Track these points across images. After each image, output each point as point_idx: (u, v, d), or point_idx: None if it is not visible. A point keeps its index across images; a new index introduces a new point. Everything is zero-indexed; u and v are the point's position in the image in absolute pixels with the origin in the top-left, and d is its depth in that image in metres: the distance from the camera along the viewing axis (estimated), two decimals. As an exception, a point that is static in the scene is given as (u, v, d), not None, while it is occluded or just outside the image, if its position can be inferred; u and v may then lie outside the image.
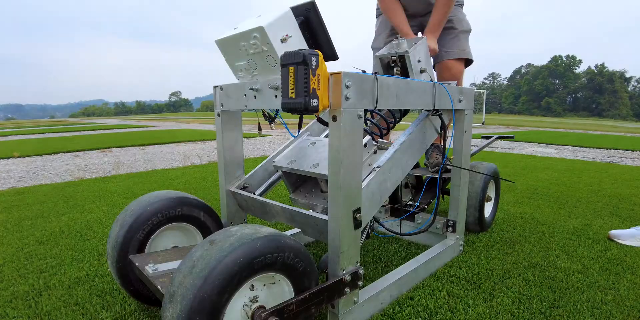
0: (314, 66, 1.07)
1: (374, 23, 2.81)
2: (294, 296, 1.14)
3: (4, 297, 1.58)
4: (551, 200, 3.23)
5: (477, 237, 2.27)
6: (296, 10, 1.36)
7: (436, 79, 1.98)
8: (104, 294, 1.60)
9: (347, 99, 1.17)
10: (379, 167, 1.44)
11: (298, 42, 1.34)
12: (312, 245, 2.17)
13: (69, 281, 1.72)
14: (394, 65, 1.85)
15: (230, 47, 1.44)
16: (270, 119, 1.63)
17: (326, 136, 2.04)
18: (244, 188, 1.80)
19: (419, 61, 1.82)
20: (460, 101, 1.84)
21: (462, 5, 2.60)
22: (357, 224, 1.29)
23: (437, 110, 1.71)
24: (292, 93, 1.10)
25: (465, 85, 2.46)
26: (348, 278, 1.28)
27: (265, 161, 1.86)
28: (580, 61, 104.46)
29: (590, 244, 2.18)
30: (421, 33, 2.55)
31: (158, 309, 1.47)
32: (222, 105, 1.66)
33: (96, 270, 1.82)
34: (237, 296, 1.03)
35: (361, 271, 1.34)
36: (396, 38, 1.87)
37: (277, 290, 1.15)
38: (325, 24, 1.40)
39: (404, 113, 2.01)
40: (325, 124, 1.31)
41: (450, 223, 2.03)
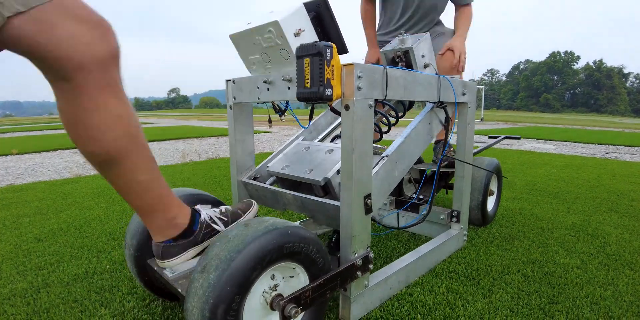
0: (328, 57, 1.13)
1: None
2: (309, 283, 1.19)
3: (2, 295, 1.58)
4: (550, 196, 3.23)
5: (476, 233, 2.28)
6: (308, 6, 1.43)
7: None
8: (102, 291, 1.60)
9: (359, 89, 1.22)
10: (387, 156, 1.49)
11: (310, 36, 1.40)
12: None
13: (67, 278, 1.71)
14: (399, 61, 1.90)
15: (244, 42, 1.49)
16: (281, 111, 1.69)
17: (320, 141, 2.05)
18: (255, 179, 1.83)
19: (423, 56, 1.87)
20: (463, 94, 1.87)
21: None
22: (368, 209, 1.34)
23: (442, 103, 1.76)
24: (308, 83, 1.16)
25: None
26: (359, 262, 1.33)
27: (274, 153, 1.88)
28: (578, 57, 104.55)
29: (589, 240, 2.19)
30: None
31: (157, 306, 1.47)
32: (235, 98, 1.70)
33: (95, 268, 1.82)
34: (260, 281, 1.09)
35: (371, 255, 1.39)
36: (400, 34, 1.89)
37: (295, 283, 1.19)
38: (336, 19, 1.46)
39: (408, 108, 2.03)
40: (338, 113, 1.36)
41: (455, 213, 2.07)
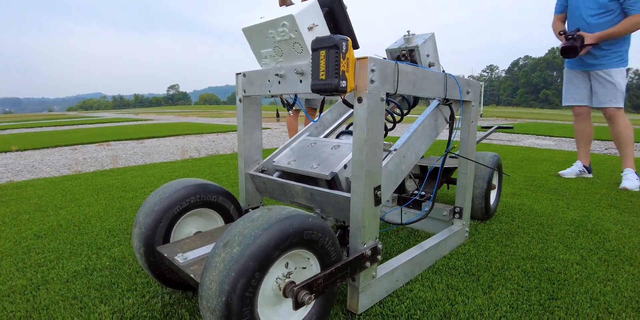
0: (344, 50, 1.16)
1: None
2: (320, 271, 1.21)
3: (1, 292, 1.57)
4: (549, 192, 3.23)
5: (476, 229, 2.28)
6: (321, 1, 1.45)
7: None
8: (102, 287, 1.60)
9: (372, 82, 1.25)
10: (395, 150, 1.52)
11: (323, 31, 1.42)
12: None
13: (67, 275, 1.71)
14: (404, 59, 1.92)
15: (256, 35, 1.52)
16: (289, 106, 1.71)
17: (326, 136, 2.07)
18: (262, 171, 1.85)
19: (428, 55, 1.90)
20: (468, 93, 1.90)
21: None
22: (378, 200, 1.36)
23: (448, 100, 1.79)
24: (323, 75, 1.18)
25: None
26: (369, 252, 1.36)
27: (279, 148, 1.90)
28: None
29: (589, 236, 2.19)
30: None
31: (156, 303, 1.47)
32: (245, 91, 1.72)
33: (94, 264, 1.82)
34: (277, 266, 1.12)
35: (380, 246, 1.41)
36: (407, 33, 1.91)
37: (307, 274, 1.21)
38: (349, 15, 1.48)
39: (413, 104, 2.05)
40: (350, 105, 1.37)
41: (457, 210, 2.08)
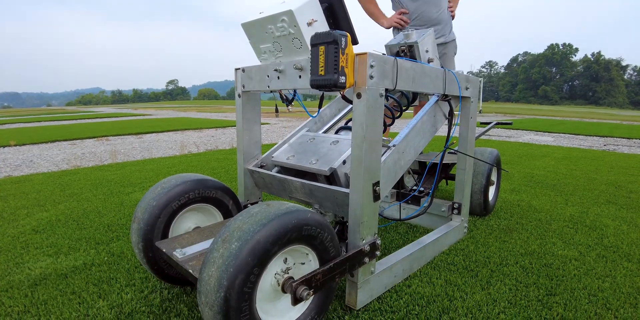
0: (343, 46, 1.15)
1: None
2: (319, 267, 1.21)
3: (0, 287, 1.57)
4: (548, 188, 3.23)
5: (475, 225, 2.28)
6: None
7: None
8: (100, 283, 1.60)
9: (371, 77, 1.24)
10: (394, 146, 1.52)
11: (322, 26, 1.42)
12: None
13: (65, 270, 1.71)
14: (403, 55, 1.90)
15: (255, 30, 1.51)
16: (288, 101, 1.71)
17: (325, 132, 2.07)
18: (261, 167, 1.85)
19: (427, 51, 1.89)
20: (467, 89, 1.90)
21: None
22: (376, 196, 1.37)
23: (447, 96, 1.80)
24: (322, 70, 1.18)
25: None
26: (367, 248, 1.36)
27: (278, 144, 1.90)
28: (576, 49, 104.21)
29: (587, 232, 2.19)
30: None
31: (154, 298, 1.47)
32: (244, 86, 1.72)
33: (93, 259, 1.81)
34: (276, 261, 1.13)
35: (378, 241, 1.42)
36: (406, 29, 1.90)
37: (306, 270, 1.21)
38: (348, 10, 1.48)
39: (412, 101, 2.04)
40: (350, 101, 1.37)
41: (456, 205, 2.09)
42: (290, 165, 1.67)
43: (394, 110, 1.95)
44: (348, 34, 1.16)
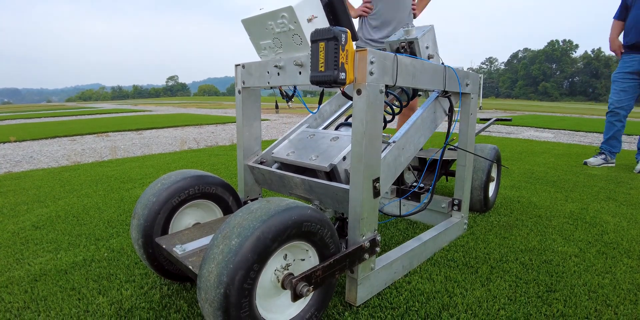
0: (343, 42, 1.15)
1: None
2: (319, 263, 1.21)
3: (0, 283, 1.57)
4: (548, 185, 3.23)
5: (475, 222, 2.28)
6: None
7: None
8: (100, 279, 1.60)
9: (371, 74, 1.24)
10: (394, 142, 1.51)
11: (322, 23, 1.42)
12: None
13: (65, 266, 1.71)
14: (403, 51, 1.92)
15: (256, 27, 1.51)
16: (288, 97, 1.70)
17: (325, 128, 2.06)
18: (261, 163, 1.85)
19: (427, 47, 1.90)
20: (467, 85, 1.89)
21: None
22: (376, 192, 1.36)
23: (447, 92, 1.79)
24: (322, 67, 1.18)
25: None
26: (367, 244, 1.36)
27: (278, 140, 1.89)
28: (577, 46, 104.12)
29: (587, 228, 2.19)
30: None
31: (154, 294, 1.47)
32: (244, 83, 1.72)
33: (92, 255, 1.81)
34: (275, 258, 1.12)
35: (378, 238, 1.41)
36: (406, 25, 1.90)
37: (306, 266, 1.21)
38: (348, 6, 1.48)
39: (412, 97, 2.04)
40: (350, 97, 1.38)
41: (456, 202, 2.09)
42: (290, 161, 1.67)
43: (393, 107, 1.95)
44: (348, 30, 1.16)
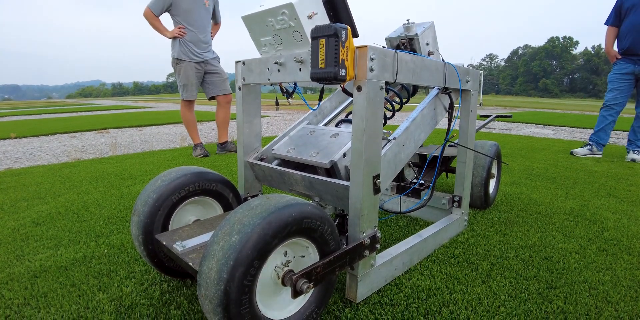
0: (343, 39, 1.15)
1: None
2: (319, 260, 1.21)
3: (0, 279, 1.57)
4: (548, 181, 3.23)
5: (475, 218, 2.27)
6: None
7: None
8: (100, 275, 1.60)
9: (372, 70, 1.24)
10: (394, 139, 1.51)
11: (323, 19, 1.42)
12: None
13: (65, 263, 1.71)
14: (404, 48, 1.91)
15: (256, 23, 1.51)
16: (288, 94, 1.71)
17: (325, 125, 2.06)
18: (262, 159, 1.85)
19: (427, 44, 1.90)
20: (467, 81, 1.89)
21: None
22: (377, 189, 1.36)
23: (447, 89, 1.79)
24: (322, 63, 1.18)
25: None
26: (367, 241, 1.35)
27: (278, 137, 1.89)
28: (577, 42, 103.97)
29: (587, 225, 2.19)
30: None
31: (154, 290, 1.47)
32: (244, 79, 1.71)
33: (93, 252, 1.81)
34: (275, 255, 1.12)
35: (379, 234, 1.41)
36: (407, 22, 1.90)
37: (306, 263, 1.21)
38: (348, 3, 1.47)
39: (413, 93, 2.04)
40: (350, 94, 1.38)
41: (456, 198, 2.09)
42: (290, 158, 1.67)
43: (394, 103, 1.94)
44: (348, 27, 1.16)
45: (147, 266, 1.67)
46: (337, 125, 1.93)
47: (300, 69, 1.39)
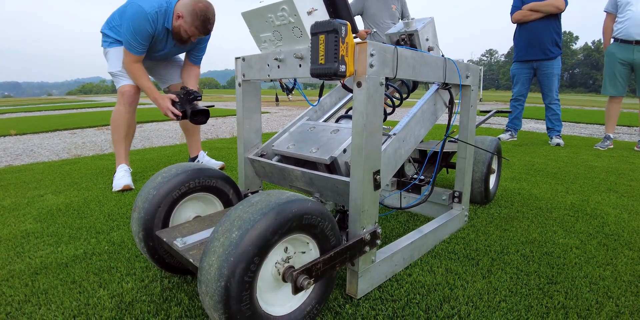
0: (343, 35, 1.15)
1: None
2: (319, 256, 1.21)
3: (0, 276, 1.57)
4: (548, 176, 3.23)
5: (475, 214, 2.27)
6: None
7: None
8: (101, 272, 1.60)
9: (371, 66, 1.24)
10: (394, 135, 1.51)
11: (322, 15, 1.42)
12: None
13: (66, 259, 1.71)
14: (403, 43, 1.91)
15: (256, 19, 1.51)
16: (288, 90, 1.70)
17: (325, 121, 2.06)
18: (262, 156, 1.85)
19: (427, 39, 1.89)
20: (467, 77, 1.88)
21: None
22: (377, 185, 1.36)
23: (447, 84, 1.78)
24: (322, 59, 1.18)
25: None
26: (368, 237, 1.35)
27: (278, 133, 1.89)
28: (577, 37, 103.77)
29: (588, 220, 2.19)
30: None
31: (155, 287, 1.47)
32: (244, 76, 1.71)
33: (93, 249, 1.81)
34: (276, 251, 1.12)
35: (379, 230, 1.41)
36: (407, 18, 1.90)
37: (306, 259, 1.21)
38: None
39: (412, 90, 2.04)
40: (350, 90, 1.39)
41: (457, 194, 2.08)
42: (290, 154, 1.66)
43: (394, 99, 1.94)
44: (348, 23, 1.16)
45: (148, 263, 1.67)
46: (337, 121, 1.93)
47: (300, 65, 1.39)
